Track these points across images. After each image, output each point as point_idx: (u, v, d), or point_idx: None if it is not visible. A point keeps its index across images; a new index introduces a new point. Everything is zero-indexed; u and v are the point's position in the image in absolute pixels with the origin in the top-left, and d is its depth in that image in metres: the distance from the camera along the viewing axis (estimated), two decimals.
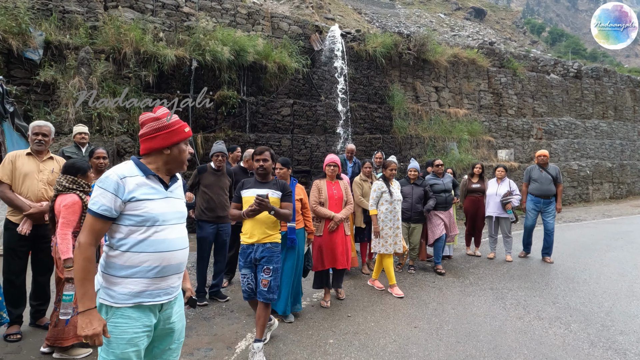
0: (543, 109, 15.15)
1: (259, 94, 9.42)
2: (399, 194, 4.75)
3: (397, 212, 4.70)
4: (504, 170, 6.50)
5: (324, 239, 4.29)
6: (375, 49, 11.12)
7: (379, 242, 4.69)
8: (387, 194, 4.65)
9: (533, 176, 6.36)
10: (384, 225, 4.68)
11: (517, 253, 6.67)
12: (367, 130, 10.75)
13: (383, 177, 4.87)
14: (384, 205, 4.65)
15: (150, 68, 8.16)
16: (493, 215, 6.39)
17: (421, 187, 5.32)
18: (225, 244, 4.50)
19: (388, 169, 4.81)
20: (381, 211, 4.69)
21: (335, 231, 4.31)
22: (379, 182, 4.75)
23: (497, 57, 14.34)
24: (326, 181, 4.47)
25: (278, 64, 9.54)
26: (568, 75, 16.33)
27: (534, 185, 6.32)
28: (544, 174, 6.25)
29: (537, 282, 5.16)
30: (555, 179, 6.23)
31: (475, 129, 12.61)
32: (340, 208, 4.40)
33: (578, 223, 10.15)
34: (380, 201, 4.69)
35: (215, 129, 8.69)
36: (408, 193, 5.25)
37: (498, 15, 49.94)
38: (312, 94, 10.15)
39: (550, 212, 6.23)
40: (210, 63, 8.66)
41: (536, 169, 6.39)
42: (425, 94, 12.33)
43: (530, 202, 6.39)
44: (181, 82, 8.57)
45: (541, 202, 6.25)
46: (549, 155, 6.48)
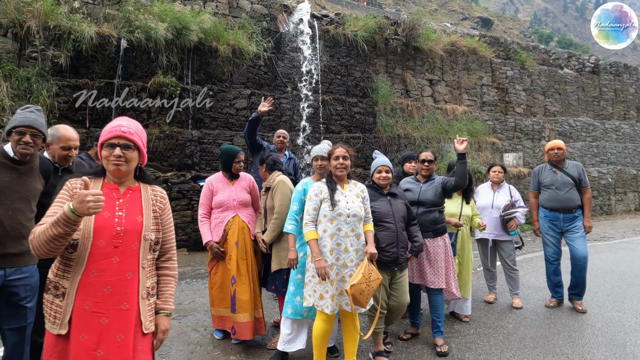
0: (556, 107, 13.28)
1: (207, 82, 7.75)
2: (355, 207, 2.68)
3: (349, 238, 2.66)
4: (502, 170, 4.51)
5: None
6: (356, 33, 9.43)
7: (315, 289, 2.65)
8: (327, 205, 2.69)
9: (544, 180, 4.32)
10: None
11: (522, 292, 4.79)
12: (344, 128, 9.01)
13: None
14: (322, 225, 2.70)
15: (64, 47, 6.56)
16: (489, 238, 4.41)
17: (401, 199, 3.11)
18: (23, 309, 2.29)
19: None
20: (320, 235, 2.73)
21: None
22: (317, 184, 2.80)
23: (501, 47, 12.55)
24: None
25: (233, 47, 7.89)
26: (584, 71, 14.45)
27: (546, 193, 4.29)
28: (560, 176, 4.23)
29: (564, 353, 3.25)
30: (579, 182, 4.21)
31: (476, 128, 10.80)
32: None
33: (606, 243, 8.19)
34: (318, 216, 2.74)
35: (147, 123, 7.02)
36: (385, 213, 2.95)
37: (505, 24, 49.10)
38: (276, 84, 8.46)
39: (577, 231, 4.15)
40: (144, 43, 7.05)
41: (547, 169, 4.36)
42: (417, 87, 10.56)
43: (543, 220, 4.34)
44: (106, 65, 6.94)
45: (560, 219, 4.21)
46: (565, 149, 4.35)
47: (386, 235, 2.90)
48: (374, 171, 3.10)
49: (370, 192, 3.02)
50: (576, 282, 4.20)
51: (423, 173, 3.50)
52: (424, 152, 3.53)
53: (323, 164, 2.98)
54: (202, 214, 3.21)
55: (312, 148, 4.52)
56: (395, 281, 2.98)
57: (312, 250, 2.63)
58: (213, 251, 3.09)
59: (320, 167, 3.00)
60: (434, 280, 3.29)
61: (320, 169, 3.01)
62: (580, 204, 4.26)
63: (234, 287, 3.00)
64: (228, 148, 3.28)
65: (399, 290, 2.97)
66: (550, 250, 4.35)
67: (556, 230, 4.31)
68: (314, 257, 2.60)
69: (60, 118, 6.46)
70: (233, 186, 3.24)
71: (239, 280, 2.99)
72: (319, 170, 3.01)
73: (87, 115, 6.68)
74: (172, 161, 7.06)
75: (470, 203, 3.93)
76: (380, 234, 2.91)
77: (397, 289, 2.97)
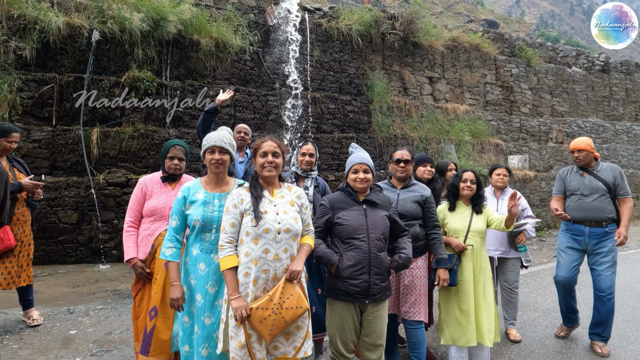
0: (564, 107, 12.62)
1: (188, 77, 7.22)
2: (289, 220, 2.04)
3: (281, 262, 2.01)
4: (507, 173, 3.71)
5: None
6: (350, 27, 8.87)
7: (233, 334, 1.98)
8: (250, 218, 2.01)
9: (570, 185, 3.54)
10: (244, 294, 2.00)
11: (527, 316, 4.15)
12: (337, 127, 8.44)
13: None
14: (244, 247, 2.01)
15: (30, 38, 6.06)
16: (494, 256, 3.57)
17: (383, 209, 2.38)
18: None
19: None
20: (240, 260, 2.02)
21: None
22: (237, 192, 2.10)
23: (506, 43, 11.93)
24: None
25: (216, 40, 7.37)
26: (593, 69, 13.78)
27: (570, 201, 3.50)
28: (589, 180, 3.43)
29: None
30: (614, 189, 3.38)
31: (479, 129, 10.18)
32: None
33: (621, 253, 7.43)
34: (241, 235, 2.06)
35: (121, 121, 6.50)
36: (355, 227, 2.27)
37: (511, 27, 48.66)
38: (263, 81, 7.92)
39: (606, 253, 3.31)
40: (118, 35, 6.54)
41: (574, 171, 3.58)
42: (415, 85, 9.98)
43: (565, 235, 3.55)
44: (76, 59, 6.43)
45: (585, 234, 3.39)
46: (589, 149, 3.46)
47: (354, 256, 2.22)
48: (349, 170, 2.40)
49: (340, 197, 2.38)
50: (600, 319, 3.35)
51: (398, 175, 2.82)
52: (399, 150, 2.88)
53: (221, 158, 2.16)
54: (129, 222, 2.57)
55: None
56: (366, 318, 2.29)
57: (227, 283, 1.97)
58: (137, 271, 2.47)
59: (216, 163, 2.14)
60: (412, 310, 2.64)
61: (217, 166, 2.15)
62: (614, 217, 3.37)
63: (153, 321, 2.34)
64: (169, 142, 2.73)
65: (369, 329, 2.29)
66: (563, 273, 3.42)
67: (578, 248, 3.43)
68: (229, 293, 1.95)
69: (23, 115, 5.96)
70: (172, 191, 2.63)
71: (162, 314, 2.34)
72: (215, 169, 2.17)
73: (54, 112, 6.17)
74: (147, 162, 6.53)
75: (485, 211, 3.05)
76: (347, 254, 2.24)
77: (367, 327, 2.29)
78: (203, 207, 2.13)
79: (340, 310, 2.28)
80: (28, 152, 5.84)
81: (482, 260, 2.98)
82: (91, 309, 3.98)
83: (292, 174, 3.07)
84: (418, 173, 3.37)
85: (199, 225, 2.11)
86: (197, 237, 2.15)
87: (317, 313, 2.71)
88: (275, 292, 1.93)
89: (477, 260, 2.94)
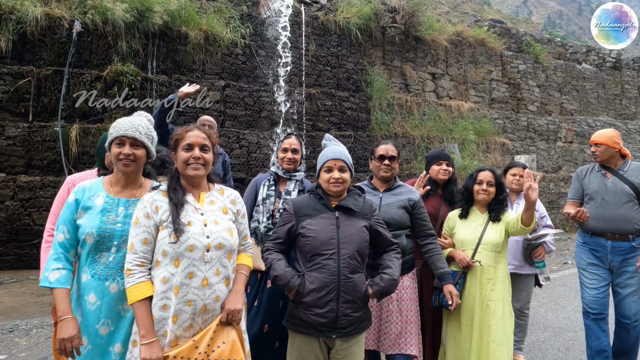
0: (573, 105, 12.10)
1: (175, 71, 6.85)
2: (221, 232, 1.62)
3: (212, 289, 1.56)
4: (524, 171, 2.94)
5: None
6: (348, 20, 8.46)
7: None
8: (168, 232, 1.56)
9: (589, 187, 2.90)
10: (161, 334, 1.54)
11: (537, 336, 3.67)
12: (334, 125, 8.04)
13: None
14: (161, 271, 1.55)
15: (5, 29, 5.72)
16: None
17: (362, 218, 1.90)
18: None
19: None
20: (156, 288, 1.55)
21: None
22: (149, 196, 1.64)
23: (513, 39, 11.44)
24: None
25: (206, 33, 6.99)
26: (604, 66, 13.23)
27: (589, 207, 2.86)
28: (612, 182, 2.82)
29: None
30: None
31: (484, 127, 9.73)
32: None
33: None
34: (156, 255, 1.59)
35: (103, 117, 6.14)
36: (323, 240, 1.80)
37: (519, 27, 48.00)
38: (255, 76, 7.53)
39: (634, 275, 2.75)
40: (100, 27, 6.19)
41: (596, 171, 2.95)
42: (417, 81, 9.54)
43: (583, 249, 2.94)
44: (55, 51, 6.08)
45: (607, 249, 2.78)
46: (611, 143, 2.83)
47: (319, 278, 1.74)
48: (321, 168, 1.92)
49: (308, 201, 1.91)
50: (622, 348, 2.86)
51: (382, 174, 2.33)
52: (382, 144, 2.40)
53: (133, 154, 1.66)
54: (50, 229, 2.08)
55: None
56: (334, 357, 1.81)
57: (137, 321, 1.49)
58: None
59: (126, 160, 1.65)
60: (399, 343, 2.13)
61: (126, 164, 1.65)
62: None
63: None
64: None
65: None
66: (590, 298, 2.81)
67: (601, 266, 2.83)
68: (140, 335, 1.47)
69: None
70: None
71: None
72: (124, 168, 1.67)
73: (30, 108, 5.83)
74: None
75: (504, 218, 2.45)
76: (311, 275, 1.76)
77: None
78: (101, 216, 1.60)
79: (300, 345, 1.80)
80: (2, 150, 5.50)
81: (496, 283, 2.32)
82: (38, 325, 3.56)
83: (271, 175, 2.54)
84: (432, 173, 2.80)
85: (93, 240, 1.57)
86: (88, 258, 1.59)
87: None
88: (204, 336, 1.47)
89: (486, 282, 2.33)
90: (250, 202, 2.46)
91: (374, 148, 2.42)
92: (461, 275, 2.34)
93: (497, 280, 2.35)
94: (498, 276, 2.36)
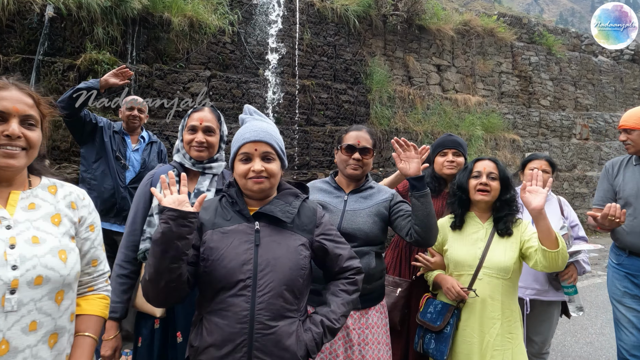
0: (589, 100, 11.40)
1: (157, 60, 6.37)
2: (45, 257, 1.00)
3: (25, 354, 0.94)
4: (549, 168, 2.44)
5: None
6: (347, 7, 7.92)
7: None
8: None
9: (624, 188, 2.23)
10: None
11: None
12: (329, 119, 7.50)
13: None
14: None
15: None
16: (525, 298, 2.32)
17: (299, 231, 1.31)
18: None
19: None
20: None
21: None
22: None
23: (524, 29, 10.79)
24: None
25: (190, 19, 6.50)
26: (622, 59, 12.50)
27: (630, 217, 2.15)
28: None
29: None
30: None
31: (493, 123, 9.12)
32: None
33: None
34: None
35: None
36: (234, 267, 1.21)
37: None
38: (245, 66, 7.02)
39: None
40: (75, 12, 5.73)
41: (631, 165, 2.27)
42: (421, 73, 8.95)
43: (617, 274, 2.29)
44: (25, 38, 5.63)
45: None
46: None
47: (221, 326, 1.17)
48: (235, 155, 1.34)
49: (217, 207, 1.32)
50: None
51: (349, 171, 1.74)
52: (352, 130, 1.81)
53: None
54: None
55: None
56: None
57: None
58: None
59: None
60: None
61: None
62: None
63: None
64: None
65: None
66: (630, 343, 2.13)
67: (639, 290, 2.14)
68: None
69: None
70: None
71: None
72: None
73: None
74: None
75: (518, 231, 1.82)
76: (211, 320, 1.19)
77: None
78: None
79: None
80: None
81: (503, 324, 1.67)
82: None
83: (174, 168, 1.71)
84: (436, 167, 2.26)
85: None
86: None
87: None
88: None
89: (489, 322, 1.69)
90: (142, 210, 1.65)
91: (342, 135, 1.83)
92: (454, 311, 1.68)
93: (505, 321, 1.71)
94: (506, 314, 1.71)
